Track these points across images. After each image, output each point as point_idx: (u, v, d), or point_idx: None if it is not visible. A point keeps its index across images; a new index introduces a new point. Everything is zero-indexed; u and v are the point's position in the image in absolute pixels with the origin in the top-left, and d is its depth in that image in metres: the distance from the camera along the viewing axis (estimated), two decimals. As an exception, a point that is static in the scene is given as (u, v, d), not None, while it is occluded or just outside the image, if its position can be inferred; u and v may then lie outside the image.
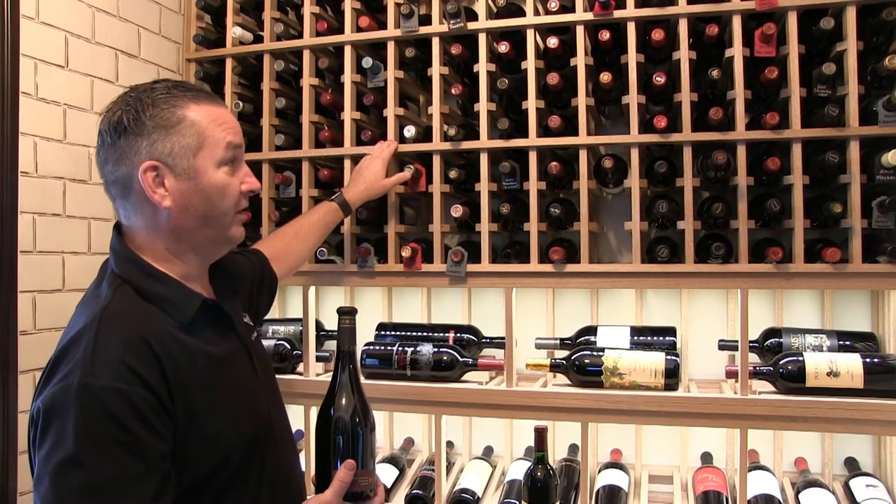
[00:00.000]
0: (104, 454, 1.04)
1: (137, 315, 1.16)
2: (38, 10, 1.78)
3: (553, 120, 1.91)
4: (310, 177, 2.14)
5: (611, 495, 1.99)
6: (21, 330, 1.73)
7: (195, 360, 1.18)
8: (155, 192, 1.18)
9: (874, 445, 2.09)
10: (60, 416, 1.06)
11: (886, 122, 1.73)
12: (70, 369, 1.08)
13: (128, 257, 1.23)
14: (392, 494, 2.17)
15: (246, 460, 1.24)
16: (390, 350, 2.07)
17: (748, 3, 1.82)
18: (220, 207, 1.23)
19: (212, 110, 1.23)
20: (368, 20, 2.10)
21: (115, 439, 1.05)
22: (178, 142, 1.19)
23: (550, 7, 1.94)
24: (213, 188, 1.22)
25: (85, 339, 1.10)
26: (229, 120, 1.26)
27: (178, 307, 1.21)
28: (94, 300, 1.19)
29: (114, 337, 1.11)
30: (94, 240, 1.96)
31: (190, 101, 1.21)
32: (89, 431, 1.04)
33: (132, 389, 1.07)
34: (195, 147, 1.20)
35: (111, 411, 1.05)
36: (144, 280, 1.21)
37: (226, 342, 1.29)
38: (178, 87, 1.23)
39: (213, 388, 1.20)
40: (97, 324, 1.12)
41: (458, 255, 1.98)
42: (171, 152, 1.18)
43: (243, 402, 1.27)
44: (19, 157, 1.73)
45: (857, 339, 1.97)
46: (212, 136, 1.21)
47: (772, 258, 1.77)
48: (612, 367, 1.90)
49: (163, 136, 1.18)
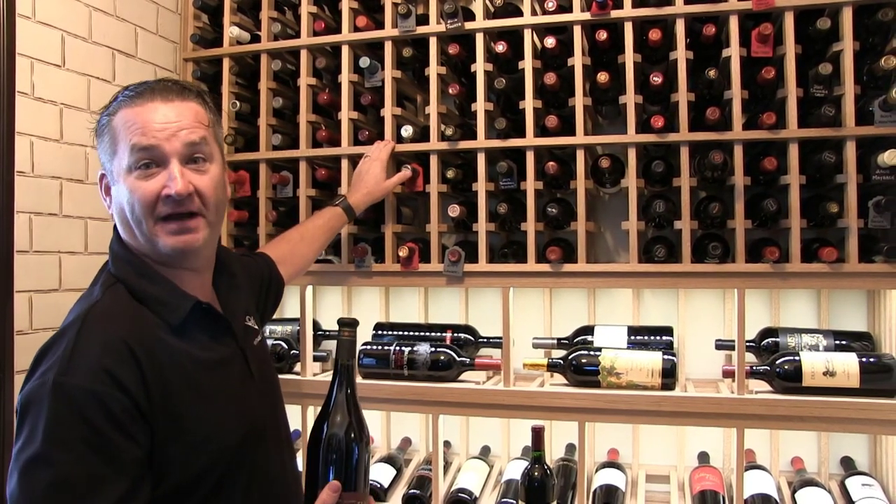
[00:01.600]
0: (72, 453, 1.03)
1: (124, 316, 1.14)
2: (34, 9, 1.78)
3: (550, 120, 1.92)
4: (307, 177, 2.14)
5: (608, 495, 1.99)
6: (17, 330, 1.72)
7: (181, 362, 1.16)
8: (105, 199, 1.23)
9: (870, 445, 2.09)
10: (34, 411, 1.05)
11: (882, 123, 1.73)
12: (49, 366, 1.07)
13: (124, 257, 1.22)
14: (389, 494, 2.17)
15: (235, 462, 1.22)
16: (388, 350, 2.07)
17: (745, 4, 1.83)
18: (134, 215, 1.16)
19: (132, 113, 1.16)
20: (366, 20, 2.10)
21: (84, 440, 1.04)
22: (104, 149, 1.20)
23: (548, 7, 1.94)
24: (125, 195, 1.16)
25: (67, 337, 1.10)
26: (147, 121, 1.16)
27: (170, 308, 1.19)
28: (86, 299, 1.19)
29: (95, 338, 1.09)
30: (91, 240, 1.96)
31: (123, 107, 1.18)
32: (60, 430, 1.03)
33: (107, 392, 1.06)
34: (111, 153, 1.18)
35: (83, 412, 1.04)
36: (137, 280, 1.19)
37: (220, 346, 1.27)
38: (129, 91, 1.19)
39: (199, 391, 1.17)
40: (81, 322, 1.11)
41: (456, 254, 1.98)
42: (104, 160, 1.21)
43: (233, 405, 1.25)
44: (15, 157, 1.72)
45: (854, 339, 1.97)
46: (122, 141, 1.16)
47: (768, 258, 1.78)
48: (609, 366, 1.90)
49: (100, 144, 1.21)
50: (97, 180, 1.25)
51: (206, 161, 1.21)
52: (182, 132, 1.16)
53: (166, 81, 1.23)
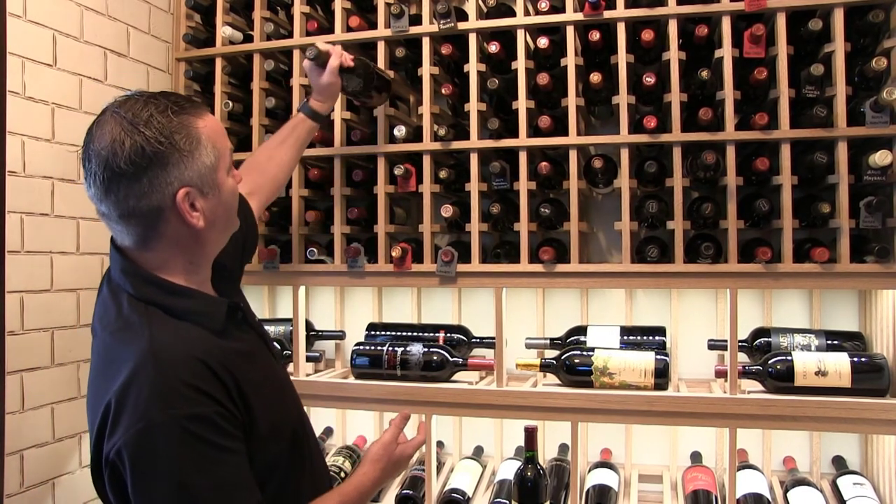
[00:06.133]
0: (208, 474, 1.08)
1: (181, 338, 1.16)
2: (25, 8, 1.77)
3: (543, 120, 1.92)
4: (300, 177, 2.14)
5: (601, 495, 1.99)
6: (9, 331, 1.72)
7: (236, 363, 1.20)
8: (192, 217, 1.18)
9: (861, 444, 2.10)
10: (152, 457, 1.07)
11: (874, 123, 1.74)
12: (142, 411, 1.07)
13: (146, 278, 1.20)
14: (382, 494, 2.17)
15: (296, 444, 1.31)
16: (380, 350, 2.07)
17: (738, 4, 1.83)
18: (233, 209, 1.27)
19: (211, 121, 1.23)
20: (359, 20, 2.09)
21: (212, 459, 1.09)
22: (203, 163, 1.18)
23: (540, 7, 1.94)
24: (230, 196, 1.25)
25: (143, 376, 1.10)
26: (221, 126, 1.28)
27: (209, 317, 1.22)
28: (129, 332, 1.17)
29: (171, 367, 1.11)
30: (82, 240, 1.95)
31: (194, 117, 1.19)
32: (188, 459, 1.07)
33: (209, 409, 1.10)
34: (215, 164, 1.20)
35: (200, 435, 1.08)
36: (169, 299, 1.20)
37: (246, 336, 1.32)
38: (175, 104, 1.18)
39: (254, 385, 1.22)
40: (151, 358, 1.11)
41: (448, 255, 1.98)
42: (199, 174, 1.17)
43: (278, 392, 1.31)
44: (7, 157, 1.71)
45: (845, 339, 1.98)
46: (222, 148, 1.23)
47: (761, 258, 1.78)
48: (602, 366, 1.90)
49: (188, 160, 1.16)
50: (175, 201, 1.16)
51: None
52: None
53: (188, 97, 1.28)
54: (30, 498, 1.77)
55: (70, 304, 1.90)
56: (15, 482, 1.73)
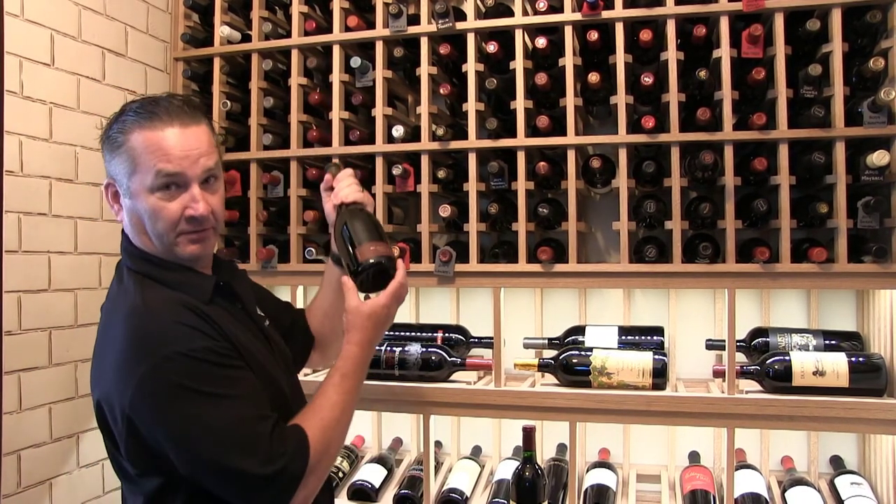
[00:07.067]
0: (229, 381, 1.18)
1: (170, 294, 1.25)
2: (22, 7, 1.77)
3: (541, 120, 1.92)
4: (298, 176, 2.14)
5: (599, 495, 1.99)
6: (6, 330, 1.71)
7: (224, 320, 1.27)
8: (112, 207, 1.31)
9: (859, 444, 2.10)
10: (169, 389, 1.13)
11: (871, 123, 1.74)
12: (145, 355, 1.15)
13: (140, 255, 1.30)
14: (380, 494, 2.17)
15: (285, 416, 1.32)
16: (378, 350, 2.07)
17: (735, 5, 1.83)
18: (156, 228, 1.27)
19: (153, 137, 1.23)
20: (357, 20, 2.09)
21: (226, 375, 1.18)
22: (119, 165, 1.26)
23: (539, 7, 1.94)
24: (145, 211, 1.26)
25: (137, 327, 1.19)
26: (170, 147, 1.24)
27: (198, 288, 1.29)
28: (124, 296, 1.26)
29: (163, 313, 1.20)
30: (80, 240, 1.95)
31: (137, 127, 1.24)
32: (206, 377, 1.15)
33: (206, 342, 1.18)
34: (129, 171, 1.25)
35: (208, 359, 1.16)
36: (160, 272, 1.29)
37: (241, 325, 1.34)
38: (141, 109, 1.26)
39: (243, 345, 1.27)
40: (142, 309, 1.20)
41: (447, 254, 1.98)
42: (117, 172, 1.27)
43: (261, 368, 1.32)
44: (4, 156, 1.71)
45: (843, 339, 1.98)
46: (143, 164, 1.24)
47: (759, 258, 1.79)
48: (600, 366, 1.90)
49: (113, 157, 1.27)
50: (103, 187, 1.32)
51: (216, 180, 1.32)
52: (202, 159, 1.27)
53: (173, 101, 1.28)
54: (27, 498, 1.77)
55: (68, 303, 1.90)
56: (12, 482, 1.73)
